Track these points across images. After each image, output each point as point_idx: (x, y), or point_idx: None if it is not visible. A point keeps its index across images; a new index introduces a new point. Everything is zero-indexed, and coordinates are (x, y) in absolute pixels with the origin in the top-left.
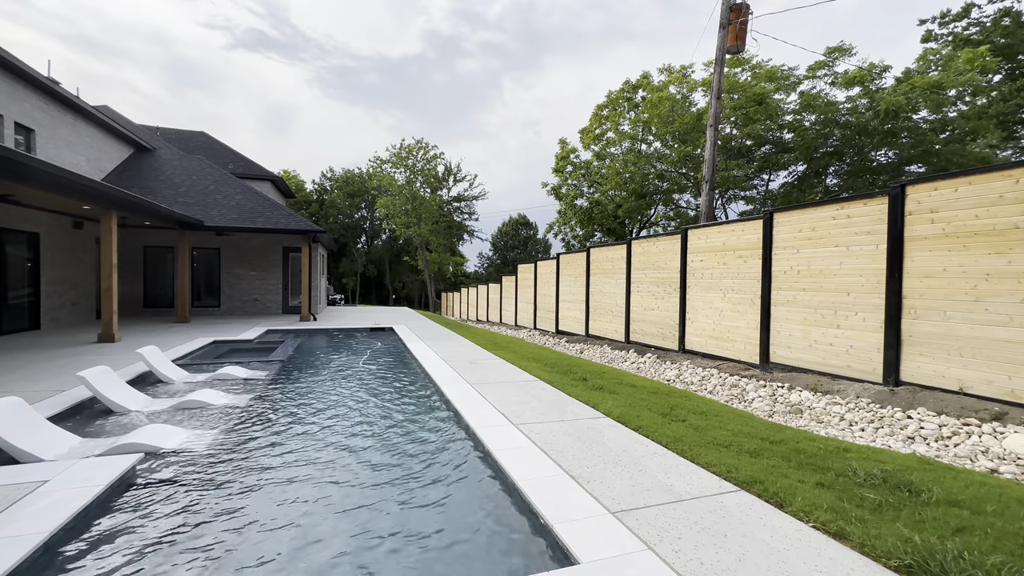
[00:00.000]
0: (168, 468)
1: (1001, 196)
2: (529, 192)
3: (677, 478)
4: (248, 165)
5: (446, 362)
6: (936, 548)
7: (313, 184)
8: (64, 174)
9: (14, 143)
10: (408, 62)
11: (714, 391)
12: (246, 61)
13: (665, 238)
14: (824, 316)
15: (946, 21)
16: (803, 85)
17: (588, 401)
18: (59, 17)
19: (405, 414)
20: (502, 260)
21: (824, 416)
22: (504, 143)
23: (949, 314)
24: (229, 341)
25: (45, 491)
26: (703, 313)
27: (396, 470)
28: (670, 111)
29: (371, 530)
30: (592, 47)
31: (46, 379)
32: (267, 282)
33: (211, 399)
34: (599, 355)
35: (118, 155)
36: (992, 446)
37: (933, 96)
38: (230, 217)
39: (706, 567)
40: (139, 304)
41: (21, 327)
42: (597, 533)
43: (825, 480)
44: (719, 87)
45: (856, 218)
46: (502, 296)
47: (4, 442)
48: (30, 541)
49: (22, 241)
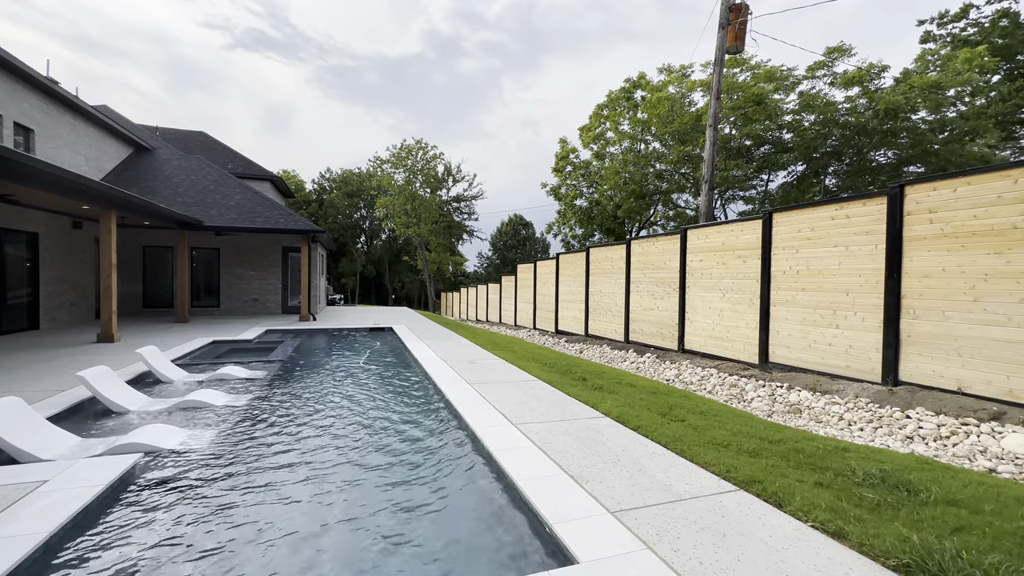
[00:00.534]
0: (168, 468)
1: (1000, 196)
2: (528, 192)
3: (676, 478)
4: (247, 165)
5: (445, 362)
6: (934, 547)
7: (312, 184)
8: (63, 174)
9: (13, 143)
10: (408, 62)
11: (713, 391)
12: (245, 61)
13: (664, 238)
14: (823, 316)
15: (944, 22)
16: (802, 85)
17: (587, 401)
18: (58, 17)
19: (404, 414)
20: (501, 260)
21: (823, 416)
22: (503, 143)
23: (948, 314)
24: (228, 341)
25: (45, 491)
26: (702, 313)
27: (395, 470)
28: (669, 111)
29: (369, 530)
30: (592, 47)
31: (45, 379)
32: (266, 282)
33: (210, 399)
34: (598, 355)
35: (117, 155)
36: (990, 446)
37: (932, 96)
38: (229, 217)
39: (705, 566)
40: (138, 304)
41: (20, 327)
42: (596, 532)
43: (824, 480)
44: (718, 87)
45: (855, 218)
46: (501, 296)
47: (4, 442)
48: (30, 541)
49: (21, 241)
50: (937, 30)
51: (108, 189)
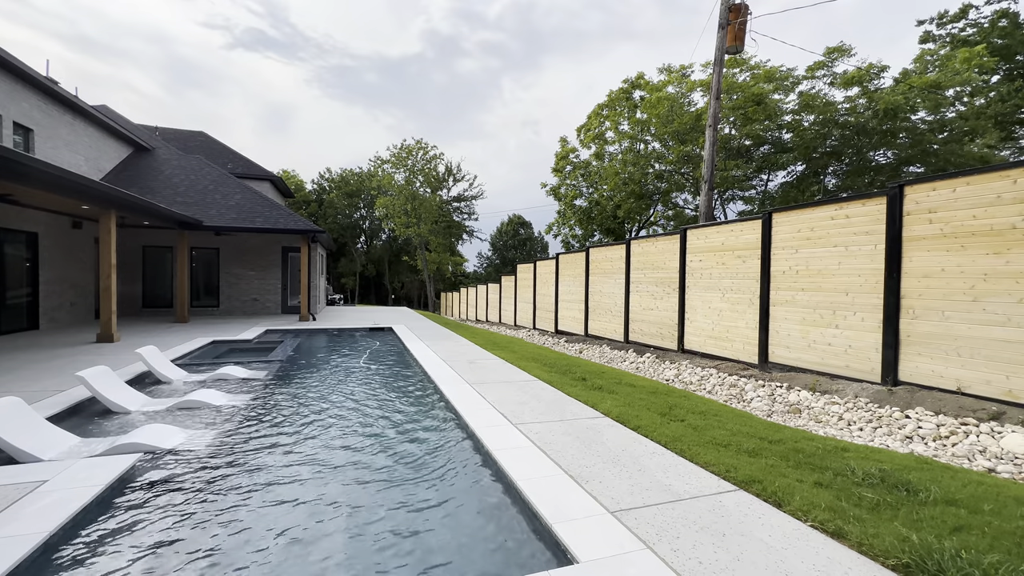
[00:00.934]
0: (167, 468)
1: (999, 196)
2: (528, 192)
3: (676, 477)
4: (247, 165)
5: (445, 362)
6: (934, 547)
7: (312, 184)
8: (63, 174)
9: (13, 143)
10: (407, 62)
11: (713, 391)
12: (245, 61)
13: (664, 238)
14: (823, 316)
15: (944, 22)
16: (802, 85)
17: (587, 401)
18: (58, 16)
19: (404, 414)
20: (501, 260)
21: (822, 416)
22: (503, 143)
23: (947, 314)
24: (228, 341)
25: (44, 491)
26: (702, 313)
27: (394, 470)
28: (669, 111)
29: (369, 530)
30: (592, 47)
31: (45, 379)
32: (266, 282)
33: (210, 399)
34: (598, 355)
35: (117, 155)
36: (990, 445)
37: (931, 96)
38: (229, 217)
39: (704, 566)
40: (138, 304)
41: (20, 327)
42: (596, 532)
43: (823, 479)
44: (718, 87)
45: (855, 218)
46: (501, 296)
47: (3, 442)
48: (30, 541)
49: (21, 241)
50: (936, 30)
51: (108, 189)
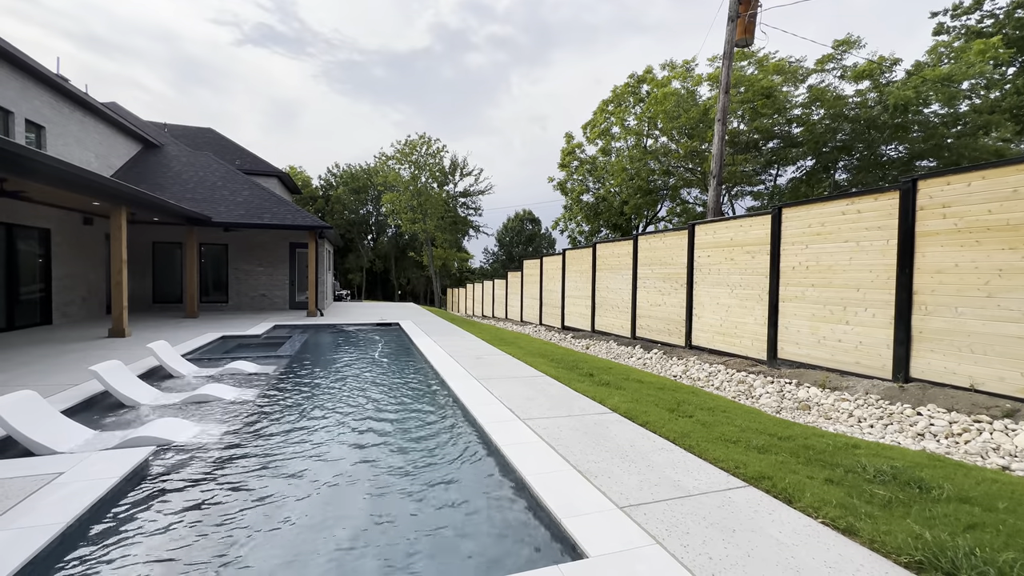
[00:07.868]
0: (180, 460)
1: (1015, 190)
2: (535, 188)
3: (685, 473)
4: (255, 161)
5: (452, 357)
6: (947, 545)
7: (319, 180)
8: (74, 170)
9: (25, 140)
10: (415, 56)
11: (721, 387)
12: (253, 57)
13: (672, 234)
14: (833, 312)
15: (958, 13)
16: (812, 79)
17: (595, 396)
18: (67, 15)
19: (411, 409)
20: (507, 256)
21: (832, 412)
22: (510, 138)
23: (960, 310)
24: (237, 336)
25: (61, 483)
26: (710, 309)
27: (403, 465)
28: (676, 106)
29: (378, 524)
30: (601, 40)
31: (59, 373)
32: (274, 278)
33: (221, 393)
34: (605, 351)
35: (126, 151)
36: (1004, 443)
37: (944, 89)
38: (237, 213)
39: (715, 562)
40: (148, 299)
41: (33, 322)
42: (605, 527)
43: (834, 476)
44: (727, 81)
45: (866, 213)
46: (507, 292)
47: (20, 435)
48: (47, 532)
49: (33, 237)
50: (951, 22)
51: (118, 185)
